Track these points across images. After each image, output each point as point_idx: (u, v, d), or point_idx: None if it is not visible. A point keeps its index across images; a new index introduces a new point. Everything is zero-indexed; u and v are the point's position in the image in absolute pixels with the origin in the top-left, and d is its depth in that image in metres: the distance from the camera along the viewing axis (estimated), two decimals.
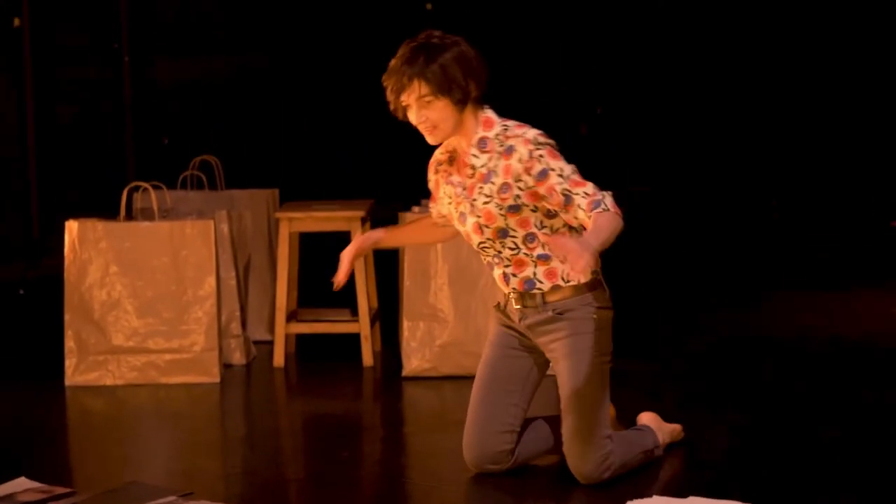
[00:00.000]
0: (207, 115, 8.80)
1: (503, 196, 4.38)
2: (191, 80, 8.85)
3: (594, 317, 4.44)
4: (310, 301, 7.04)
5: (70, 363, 6.18)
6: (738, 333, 7.12)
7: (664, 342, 6.97)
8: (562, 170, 4.32)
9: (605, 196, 4.26)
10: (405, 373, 6.18)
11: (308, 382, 6.45)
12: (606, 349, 4.47)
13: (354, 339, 6.57)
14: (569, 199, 4.29)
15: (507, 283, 4.51)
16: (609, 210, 4.21)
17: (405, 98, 4.41)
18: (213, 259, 6.23)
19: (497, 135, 4.42)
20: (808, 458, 4.78)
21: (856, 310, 7.63)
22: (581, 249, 3.94)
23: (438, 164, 4.62)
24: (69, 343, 6.19)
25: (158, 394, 6.06)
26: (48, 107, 8.53)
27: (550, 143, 4.37)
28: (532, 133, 4.38)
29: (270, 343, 6.74)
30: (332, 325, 6.69)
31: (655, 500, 4.23)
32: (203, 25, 8.93)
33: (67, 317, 6.20)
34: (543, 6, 9.52)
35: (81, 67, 8.73)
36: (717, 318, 7.54)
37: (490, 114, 4.47)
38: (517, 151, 4.36)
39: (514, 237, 4.43)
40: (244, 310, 6.68)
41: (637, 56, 9.81)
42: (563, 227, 4.41)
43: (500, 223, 4.41)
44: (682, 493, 4.28)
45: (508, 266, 4.48)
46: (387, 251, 6.53)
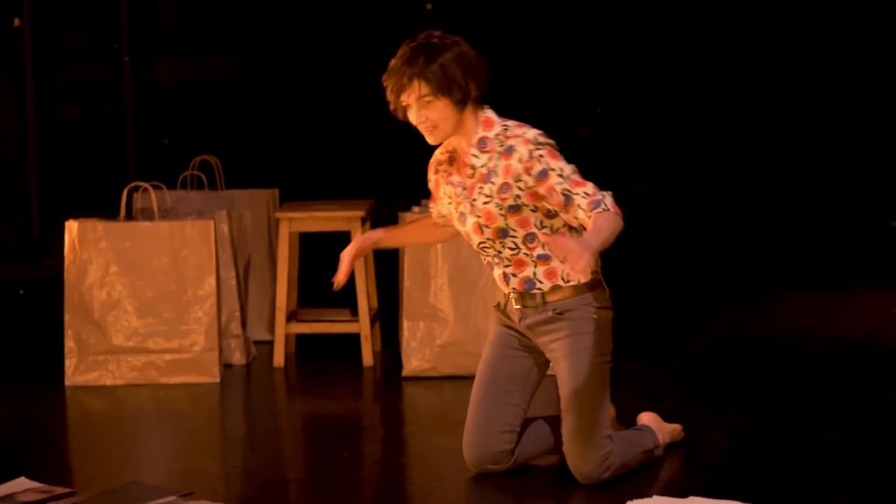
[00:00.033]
0: (207, 116, 8.80)
1: (503, 196, 4.38)
2: (191, 81, 8.85)
3: (594, 317, 4.44)
4: (310, 301, 7.03)
5: (70, 363, 6.18)
6: (738, 333, 7.12)
7: (664, 342, 6.96)
8: (562, 170, 4.31)
9: (605, 196, 4.25)
10: (405, 373, 6.17)
11: (308, 382, 6.45)
12: (606, 349, 4.47)
13: (354, 339, 6.57)
14: (569, 199, 4.29)
15: (508, 283, 4.51)
16: (609, 210, 4.21)
17: (405, 98, 4.40)
18: (213, 259, 6.23)
19: (497, 135, 4.42)
20: (808, 459, 4.78)
21: (856, 310, 7.62)
22: (581, 249, 3.94)
23: (438, 164, 4.61)
24: (69, 343, 6.19)
25: (158, 394, 6.06)
26: (48, 107, 8.53)
27: (550, 143, 4.37)
28: (532, 133, 4.38)
29: (270, 343, 6.73)
30: (332, 325, 6.68)
31: (655, 501, 4.23)
32: (203, 26, 8.93)
33: (67, 317, 6.20)
34: (543, 6, 9.52)
35: (82, 67, 8.72)
36: (717, 318, 7.53)
37: (490, 114, 4.46)
38: (517, 151, 4.35)
39: (514, 237, 4.43)
40: (244, 310, 6.68)
41: (637, 56, 9.81)
42: (563, 227, 4.41)
43: (500, 223, 4.41)
44: (682, 494, 4.27)
45: (508, 266, 4.48)
46: (387, 251, 6.53)
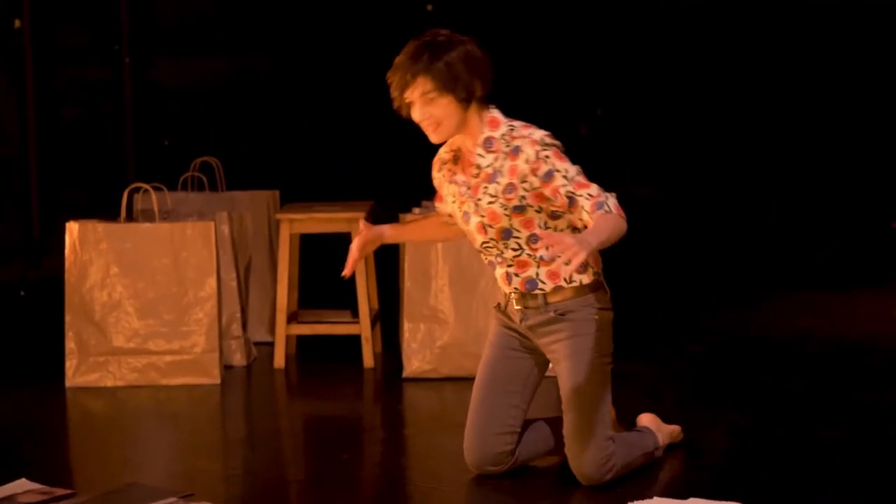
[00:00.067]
0: (208, 117, 8.80)
1: (508, 196, 4.37)
2: (191, 82, 8.85)
3: (596, 318, 4.44)
4: (310, 302, 7.04)
5: (71, 364, 6.19)
6: (738, 333, 7.13)
7: (664, 342, 6.97)
8: (567, 171, 4.30)
9: (609, 198, 4.24)
10: (406, 374, 6.18)
11: (309, 384, 6.45)
12: (607, 350, 4.46)
13: (355, 341, 6.58)
14: (572, 201, 4.27)
15: (510, 283, 4.50)
16: (612, 212, 4.19)
17: (409, 94, 4.39)
18: (214, 260, 6.23)
19: (503, 135, 4.41)
20: (808, 459, 4.78)
21: (856, 310, 7.63)
22: (577, 246, 3.92)
23: (442, 163, 4.60)
24: (70, 344, 6.19)
25: (159, 395, 6.06)
26: (49, 108, 8.53)
27: (557, 145, 4.36)
28: (539, 134, 4.37)
29: (271, 344, 6.74)
30: (333, 327, 6.69)
31: (656, 502, 4.23)
32: (204, 27, 8.93)
33: (68, 318, 6.21)
34: (543, 6, 9.51)
35: (82, 68, 8.72)
36: (717, 318, 7.54)
37: (496, 114, 4.45)
38: (524, 152, 4.34)
39: (518, 238, 4.42)
40: (245, 311, 6.68)
41: (637, 57, 9.81)
42: (567, 229, 4.40)
43: (505, 223, 4.40)
44: (683, 495, 4.28)
45: (511, 266, 4.47)
46: (387, 252, 6.54)
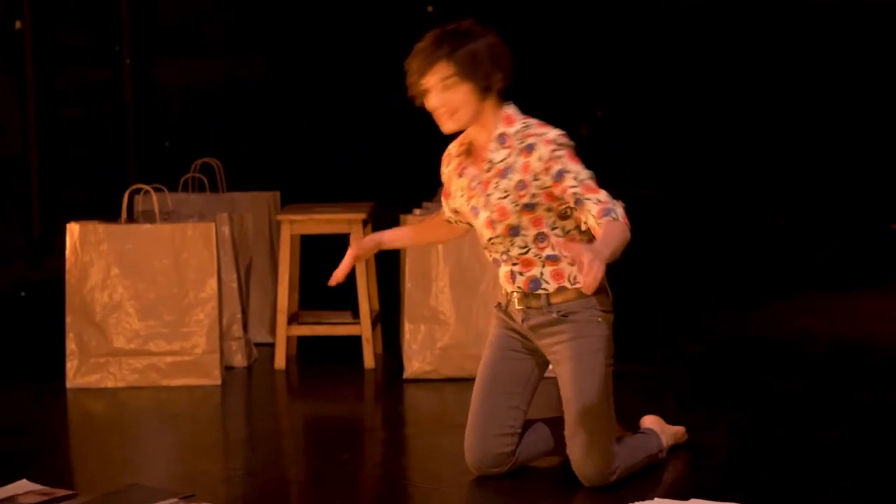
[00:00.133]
0: (209, 118, 8.80)
1: (520, 193, 4.35)
2: (192, 83, 8.85)
3: (599, 320, 4.43)
4: (311, 303, 7.04)
5: (71, 365, 6.19)
6: (739, 334, 7.13)
7: (664, 343, 6.97)
8: (578, 173, 4.29)
9: (617, 205, 4.22)
10: (406, 375, 6.18)
11: (309, 384, 6.45)
12: (609, 353, 4.45)
13: (356, 342, 6.58)
14: (580, 203, 4.26)
15: (513, 282, 4.49)
16: (619, 220, 4.17)
17: (427, 80, 4.37)
18: (215, 261, 6.23)
19: (517, 131, 4.39)
20: (808, 459, 4.78)
21: (856, 311, 7.63)
22: (593, 257, 3.90)
23: (452, 157, 4.59)
24: (70, 345, 6.20)
25: (159, 396, 6.07)
26: (50, 109, 8.52)
27: (571, 145, 4.35)
28: (554, 133, 4.36)
29: (272, 345, 6.74)
30: (334, 328, 6.69)
31: (657, 503, 4.23)
32: (204, 28, 8.93)
33: (69, 319, 6.21)
34: (543, 6, 9.52)
35: (83, 69, 8.72)
36: (718, 319, 7.54)
37: (512, 110, 4.45)
38: (537, 150, 4.33)
39: (525, 236, 4.40)
40: (245, 312, 6.68)
41: (638, 57, 9.81)
42: (575, 230, 4.40)
43: (514, 220, 4.39)
44: (684, 496, 4.28)
45: (515, 265, 4.46)
46: (388, 254, 6.54)
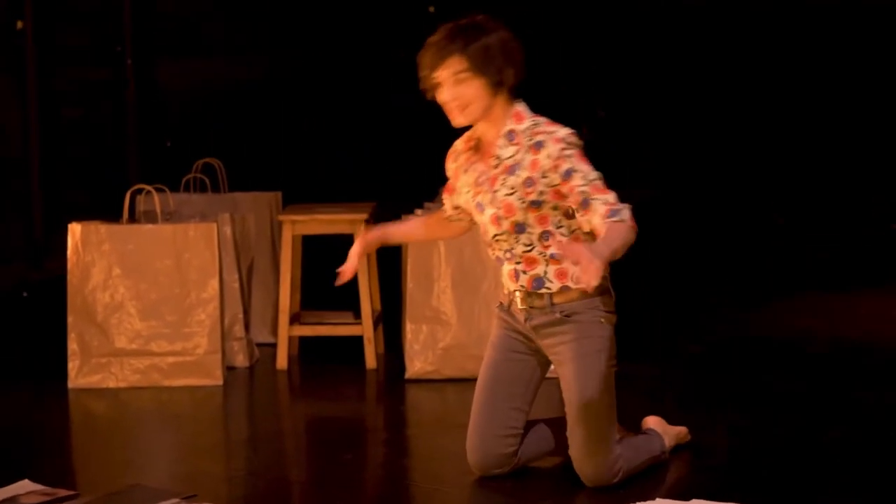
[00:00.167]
0: (210, 118, 8.80)
1: (528, 190, 4.35)
2: (194, 83, 8.85)
3: (602, 321, 4.43)
4: (313, 303, 7.04)
5: (73, 365, 6.20)
6: (739, 334, 7.13)
7: (665, 343, 6.97)
8: (587, 174, 4.29)
9: (624, 208, 4.23)
10: (408, 375, 6.18)
11: (311, 385, 6.46)
12: (611, 353, 4.46)
13: (357, 342, 6.58)
14: (587, 203, 4.27)
15: (517, 280, 4.48)
16: (625, 222, 4.19)
17: (439, 74, 4.36)
18: (216, 262, 6.24)
19: (526, 129, 4.40)
20: (809, 459, 4.79)
21: (856, 311, 7.63)
22: (592, 257, 3.91)
23: (458, 154, 4.60)
24: (72, 345, 6.20)
25: (161, 396, 6.07)
26: (51, 109, 8.53)
27: (580, 145, 4.35)
28: (564, 132, 4.36)
29: (273, 345, 6.74)
30: (335, 328, 6.69)
31: (659, 503, 4.24)
32: (206, 28, 8.93)
33: (70, 319, 6.21)
34: (543, 6, 9.52)
35: (84, 69, 8.72)
36: (718, 319, 7.54)
37: (522, 108, 4.45)
38: (546, 148, 4.33)
39: (531, 233, 4.40)
40: (247, 312, 6.69)
41: (638, 58, 9.82)
42: (579, 230, 4.39)
43: (519, 217, 4.39)
44: (686, 496, 4.28)
45: (519, 263, 4.46)
46: (390, 254, 6.55)
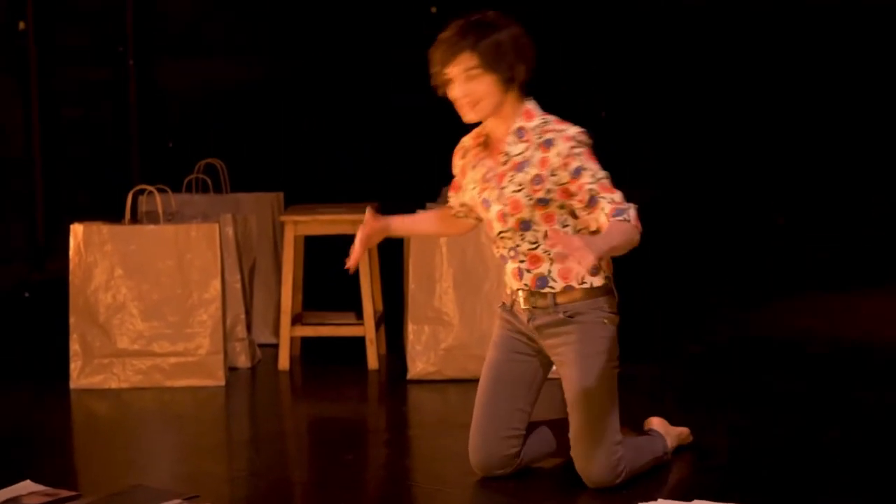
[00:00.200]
0: (212, 119, 8.80)
1: (535, 188, 4.35)
2: (195, 84, 8.85)
3: (604, 321, 4.43)
4: (315, 304, 7.05)
5: (75, 366, 6.20)
6: (739, 334, 7.14)
7: (665, 343, 6.97)
8: (595, 172, 4.30)
9: (630, 207, 4.23)
10: (410, 376, 6.19)
11: (313, 385, 6.46)
12: (615, 355, 4.46)
13: (359, 343, 6.59)
14: (594, 201, 4.28)
15: (520, 279, 4.48)
16: (629, 221, 4.19)
17: (451, 70, 4.37)
18: (218, 262, 6.24)
19: (536, 126, 4.40)
20: (809, 459, 4.79)
21: (856, 311, 7.63)
22: (585, 248, 3.91)
23: (466, 150, 4.60)
24: (74, 346, 6.21)
25: (163, 397, 6.08)
26: (53, 109, 8.53)
27: (589, 143, 4.36)
28: (573, 130, 4.37)
29: (275, 346, 6.75)
30: (337, 329, 6.69)
31: None
32: (207, 28, 8.93)
33: (72, 320, 6.22)
34: (543, 6, 9.52)
35: (86, 70, 8.72)
36: (718, 319, 7.54)
37: (532, 106, 4.45)
38: (556, 146, 4.33)
39: (536, 231, 4.41)
40: (249, 313, 6.69)
41: (638, 58, 9.81)
42: (584, 230, 4.40)
43: (526, 214, 4.39)
44: (688, 497, 4.28)
45: (523, 262, 4.46)
46: (391, 254, 6.55)
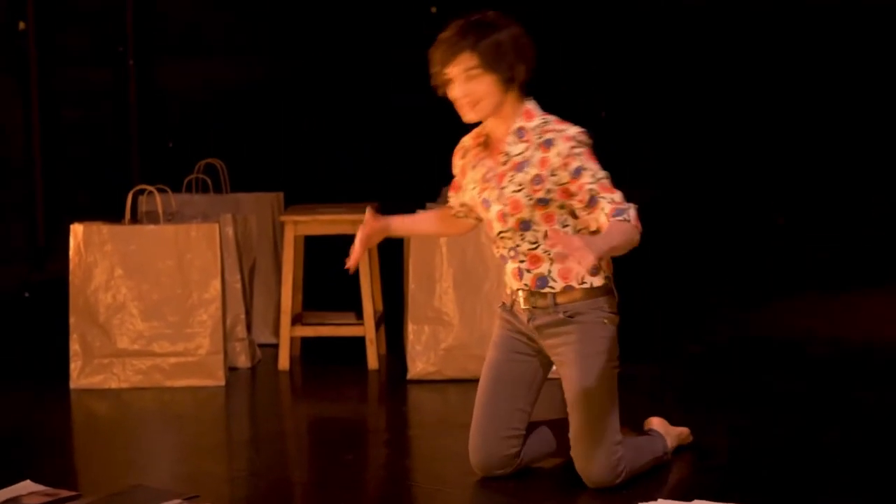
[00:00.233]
0: (212, 119, 8.80)
1: (535, 188, 4.35)
2: (195, 84, 8.85)
3: (604, 321, 4.43)
4: (315, 304, 7.05)
5: (75, 366, 6.20)
6: (739, 334, 7.14)
7: (665, 343, 6.97)
8: (595, 172, 4.30)
9: (630, 207, 4.23)
10: (410, 376, 6.19)
11: (313, 385, 6.47)
12: (615, 355, 4.46)
13: (359, 343, 6.59)
14: (594, 201, 4.28)
15: (521, 279, 4.48)
16: (629, 221, 4.19)
17: (451, 70, 4.37)
18: (218, 262, 6.24)
19: (536, 126, 4.40)
20: (809, 459, 4.79)
21: (856, 311, 7.63)
22: (584, 248, 3.91)
23: (466, 150, 4.60)
24: (74, 346, 6.21)
25: (163, 397, 6.08)
26: (53, 110, 8.53)
27: (589, 144, 4.36)
28: (573, 130, 4.37)
29: (275, 346, 6.75)
30: (337, 329, 6.69)
31: None
32: (207, 29, 8.93)
33: (72, 320, 6.22)
34: (543, 6, 9.52)
35: (86, 70, 8.72)
36: (718, 319, 7.54)
37: (532, 106, 4.45)
38: (556, 146, 4.33)
39: (536, 231, 4.41)
40: (249, 313, 6.69)
41: (638, 58, 9.81)
42: (584, 230, 4.40)
43: (526, 214, 4.39)
44: (688, 497, 4.28)
45: (523, 261, 4.46)
46: (391, 254, 6.55)
